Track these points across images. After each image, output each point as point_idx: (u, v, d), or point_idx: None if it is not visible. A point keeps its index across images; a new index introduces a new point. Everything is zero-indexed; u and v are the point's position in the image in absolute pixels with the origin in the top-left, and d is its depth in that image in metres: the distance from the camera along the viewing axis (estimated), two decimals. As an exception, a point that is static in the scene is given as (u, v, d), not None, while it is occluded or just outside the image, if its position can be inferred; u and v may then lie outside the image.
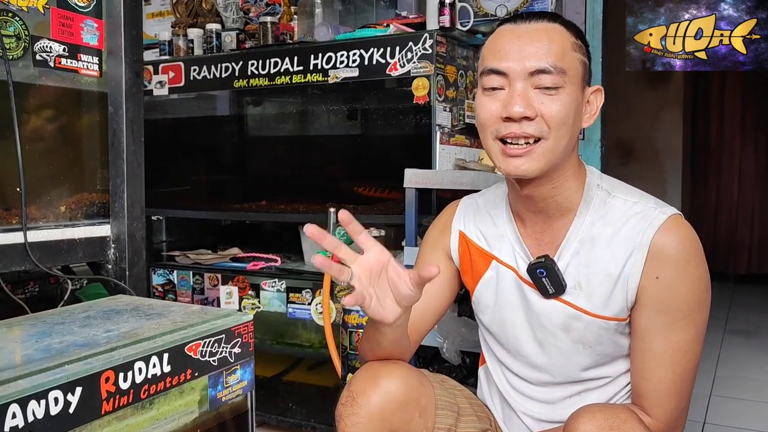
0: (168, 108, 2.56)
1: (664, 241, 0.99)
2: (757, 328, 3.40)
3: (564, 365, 1.10)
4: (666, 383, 1.01)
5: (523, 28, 1.01)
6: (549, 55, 0.97)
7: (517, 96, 0.97)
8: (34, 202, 1.29)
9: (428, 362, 1.89)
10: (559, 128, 0.98)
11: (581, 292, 1.05)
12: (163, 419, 0.96)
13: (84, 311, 1.14)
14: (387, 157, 2.26)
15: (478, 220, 1.20)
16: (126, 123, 1.36)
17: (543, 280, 1.06)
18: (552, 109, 0.97)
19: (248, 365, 1.10)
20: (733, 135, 4.52)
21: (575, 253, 1.06)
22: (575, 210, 1.07)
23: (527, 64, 0.97)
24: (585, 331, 1.06)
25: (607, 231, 1.04)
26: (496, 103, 1.00)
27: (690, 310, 1.00)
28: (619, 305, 1.03)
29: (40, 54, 1.27)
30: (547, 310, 1.08)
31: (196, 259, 2.42)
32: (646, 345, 1.02)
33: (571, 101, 0.99)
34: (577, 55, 1.01)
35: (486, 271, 1.16)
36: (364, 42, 2.03)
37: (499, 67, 0.99)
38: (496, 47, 1.01)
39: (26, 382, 0.79)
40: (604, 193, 1.08)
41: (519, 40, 0.99)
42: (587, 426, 0.90)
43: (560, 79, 0.97)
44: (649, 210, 1.03)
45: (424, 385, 1.09)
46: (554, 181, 1.04)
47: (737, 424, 2.18)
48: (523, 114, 0.97)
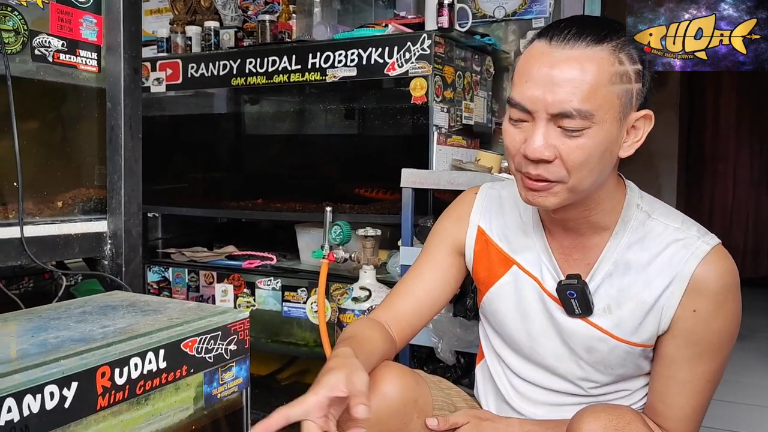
0: (165, 105, 2.56)
1: (706, 274, 0.95)
2: (751, 333, 3.42)
3: (580, 378, 1.07)
4: (687, 410, 0.99)
5: (556, 55, 0.89)
6: (575, 95, 0.87)
7: (536, 136, 0.90)
8: (31, 197, 1.28)
9: (423, 362, 1.89)
10: (579, 171, 0.91)
11: (610, 315, 1.01)
12: (159, 415, 0.96)
13: (80, 307, 1.14)
14: (384, 156, 2.27)
15: (502, 218, 1.13)
16: (124, 119, 1.36)
17: (572, 300, 1.01)
18: (571, 152, 0.90)
19: (244, 362, 1.10)
20: (728, 139, 4.54)
21: (608, 275, 1.01)
22: (611, 229, 1.01)
23: (550, 104, 0.89)
24: (609, 354, 1.02)
25: (644, 256, 0.99)
26: (520, 135, 0.94)
27: (721, 344, 0.98)
28: (650, 333, 0.99)
29: (39, 49, 1.27)
30: (571, 328, 1.03)
31: (191, 256, 2.42)
32: (671, 372, 1.00)
33: (597, 143, 0.90)
34: (617, 87, 0.90)
35: (504, 275, 1.11)
36: (362, 42, 2.04)
37: (522, 102, 0.92)
38: (525, 75, 0.92)
39: (22, 376, 0.79)
40: (644, 214, 1.02)
41: (549, 70, 0.89)
42: (591, 425, 0.88)
43: (586, 122, 0.88)
44: (691, 238, 0.98)
45: (420, 386, 1.08)
46: (586, 205, 0.99)
47: (731, 428, 2.19)
48: (540, 157, 0.90)
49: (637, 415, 0.91)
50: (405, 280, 1.19)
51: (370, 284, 1.91)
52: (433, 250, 1.19)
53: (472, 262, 1.16)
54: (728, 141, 4.54)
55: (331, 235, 1.95)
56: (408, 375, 1.06)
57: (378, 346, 1.06)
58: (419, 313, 1.16)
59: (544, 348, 1.07)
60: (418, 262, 1.20)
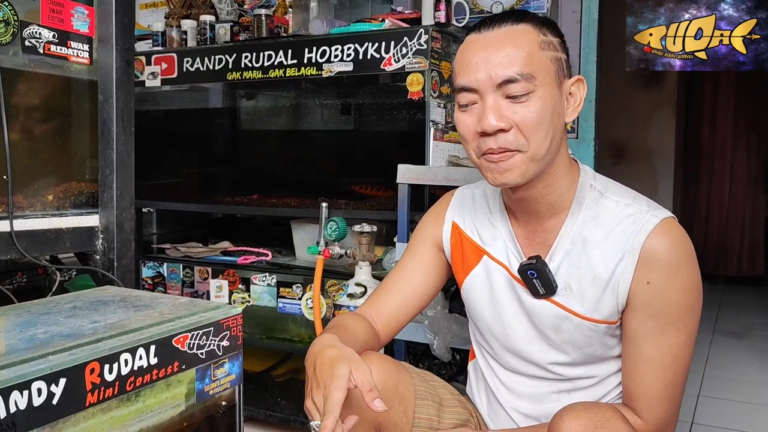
0: (160, 99, 2.54)
1: (655, 245, 0.98)
2: (746, 330, 3.42)
3: (552, 362, 1.09)
4: (657, 387, 1.01)
5: (487, 37, 0.99)
6: (514, 62, 0.96)
7: (488, 110, 0.97)
8: (21, 190, 1.27)
9: (419, 359, 1.89)
10: (535, 133, 0.97)
11: (572, 293, 1.04)
12: (149, 412, 0.94)
13: (70, 302, 1.13)
14: (380, 152, 2.25)
15: (474, 213, 1.19)
16: (116, 112, 1.34)
17: (534, 281, 1.05)
18: (525, 116, 0.96)
19: (236, 358, 1.09)
20: (726, 137, 4.54)
21: (566, 254, 1.05)
22: (567, 210, 1.06)
23: (493, 76, 0.96)
24: (574, 332, 1.05)
25: (599, 233, 1.03)
26: (472, 117, 1.00)
27: (681, 315, 0.99)
28: (610, 308, 1.02)
29: (29, 40, 1.25)
30: (538, 310, 1.07)
31: (186, 252, 2.40)
32: (637, 349, 1.02)
33: (544, 104, 0.97)
34: (548, 53, 0.99)
35: (476, 265, 1.16)
36: (358, 36, 2.02)
37: (468, 84, 0.99)
38: (464, 61, 1.00)
39: (9, 372, 0.78)
40: (597, 193, 1.06)
41: (484, 51, 0.98)
42: (571, 424, 0.89)
43: (529, 85, 0.96)
44: (641, 213, 1.01)
45: (401, 373, 1.10)
46: (545, 180, 1.03)
47: (725, 425, 2.19)
48: (496, 127, 0.96)
49: (617, 412, 0.93)
50: (389, 276, 1.23)
51: (366, 280, 1.90)
52: (416, 247, 1.24)
53: (450, 256, 1.21)
54: (725, 139, 4.54)
55: (327, 231, 1.94)
56: (388, 362, 1.09)
57: (360, 337, 1.09)
58: (404, 309, 1.20)
59: (516, 333, 1.11)
60: (402, 259, 1.25)
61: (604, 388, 1.09)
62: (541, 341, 1.09)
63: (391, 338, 1.22)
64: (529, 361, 1.11)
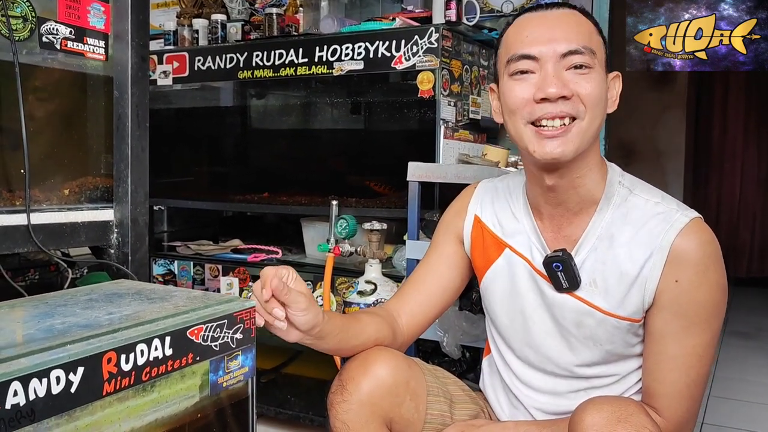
0: (172, 98, 2.55)
1: (685, 244, 0.98)
2: (756, 331, 3.41)
3: (571, 359, 1.08)
4: (679, 386, 1.00)
5: (547, 14, 1.01)
6: (579, 36, 0.98)
7: (551, 77, 0.97)
8: (38, 184, 1.28)
9: (429, 356, 1.89)
10: (594, 108, 0.98)
11: (596, 289, 1.03)
12: (164, 402, 0.95)
13: (86, 294, 1.14)
14: (390, 150, 2.26)
15: (496, 206, 1.19)
16: (131, 108, 1.35)
17: (558, 274, 1.04)
18: (587, 89, 0.97)
19: (249, 351, 1.10)
20: (736, 138, 4.52)
21: (593, 249, 1.04)
22: (596, 205, 1.05)
23: (558, 47, 0.97)
24: (597, 328, 1.04)
25: (627, 230, 1.02)
26: (528, 86, 0.99)
27: (707, 315, 0.99)
28: (635, 306, 1.02)
29: (47, 36, 1.27)
30: (560, 304, 1.07)
31: (197, 249, 2.42)
32: (660, 347, 1.01)
33: (601, 82, 0.99)
34: (600, 39, 1.02)
35: (498, 258, 1.15)
36: (369, 35, 2.03)
37: (529, 51, 0.99)
38: (524, 32, 1.01)
39: (28, 360, 0.79)
40: (626, 190, 1.06)
41: (547, 24, 1.00)
42: (594, 418, 0.88)
43: (591, 60, 0.98)
44: (670, 212, 1.01)
45: (412, 369, 1.10)
46: (580, 168, 1.03)
47: (735, 425, 2.18)
48: (560, 94, 0.96)
49: (640, 407, 0.92)
50: (415, 271, 1.24)
51: (376, 278, 1.90)
52: (440, 242, 1.24)
53: (470, 249, 1.21)
54: (735, 140, 4.52)
55: (337, 228, 1.95)
56: (400, 358, 1.09)
57: (365, 328, 1.10)
58: (429, 301, 1.20)
59: (537, 327, 1.10)
60: (427, 254, 1.25)
61: (622, 386, 1.08)
62: (561, 337, 1.08)
63: (418, 333, 1.21)
64: (548, 357, 1.10)
